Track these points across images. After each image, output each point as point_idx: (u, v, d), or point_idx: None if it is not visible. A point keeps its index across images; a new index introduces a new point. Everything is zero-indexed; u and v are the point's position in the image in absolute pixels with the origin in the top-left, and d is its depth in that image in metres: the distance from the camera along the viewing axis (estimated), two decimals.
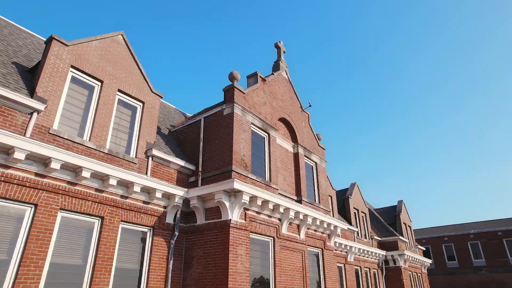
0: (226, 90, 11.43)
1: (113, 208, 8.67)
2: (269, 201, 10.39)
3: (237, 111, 10.94)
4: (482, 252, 35.72)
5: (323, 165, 15.31)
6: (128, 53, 10.60)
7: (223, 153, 10.52)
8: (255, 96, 12.18)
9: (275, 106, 13.28)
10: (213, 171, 10.50)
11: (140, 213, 9.31)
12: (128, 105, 10.25)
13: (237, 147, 10.48)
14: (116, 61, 10.12)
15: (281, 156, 13.05)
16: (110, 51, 10.04)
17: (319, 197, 14.27)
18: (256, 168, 11.31)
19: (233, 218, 9.55)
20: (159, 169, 10.36)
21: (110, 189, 8.66)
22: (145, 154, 10.02)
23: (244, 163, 10.60)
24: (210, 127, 11.37)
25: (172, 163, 10.65)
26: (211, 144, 11.06)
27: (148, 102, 10.70)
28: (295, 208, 11.41)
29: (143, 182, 9.07)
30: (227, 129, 10.75)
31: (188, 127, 12.29)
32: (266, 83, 13.16)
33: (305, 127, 15.01)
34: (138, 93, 10.46)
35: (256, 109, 12.03)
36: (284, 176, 12.88)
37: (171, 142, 11.95)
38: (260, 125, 11.87)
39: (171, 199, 10.01)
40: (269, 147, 12.12)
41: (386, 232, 24.73)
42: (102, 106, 9.31)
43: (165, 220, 9.89)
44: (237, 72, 11.61)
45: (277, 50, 15.49)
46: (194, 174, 11.13)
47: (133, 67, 10.58)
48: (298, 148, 13.88)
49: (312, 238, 12.95)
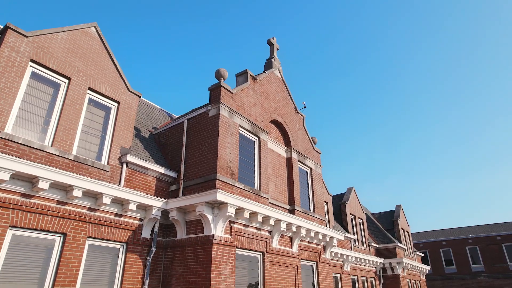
0: (212, 89, 10.38)
1: (78, 223, 7.59)
2: (258, 213, 9.36)
3: (223, 113, 9.90)
4: (481, 257, 34.90)
5: (318, 171, 14.30)
6: (102, 47, 9.52)
7: (207, 159, 9.47)
8: (244, 96, 11.14)
9: (267, 107, 12.25)
10: (196, 179, 9.45)
11: (112, 227, 8.25)
12: (101, 105, 9.17)
13: (222, 153, 9.43)
14: (87, 56, 9.04)
15: (272, 161, 12.02)
16: (80, 44, 8.95)
17: (313, 206, 13.26)
18: (244, 176, 10.27)
19: (216, 233, 8.50)
20: (135, 177, 9.29)
21: (76, 201, 7.58)
22: (118, 161, 8.95)
23: (231, 171, 9.56)
24: (194, 130, 10.32)
25: (150, 170, 9.58)
26: (194, 149, 10.01)
27: (124, 102, 9.62)
28: (287, 219, 10.39)
29: (114, 192, 8.01)
30: (212, 133, 9.71)
31: (171, 130, 11.22)
32: (257, 82, 12.13)
33: (299, 130, 13.99)
34: (113, 91, 9.39)
35: (245, 110, 10.99)
36: (276, 183, 11.85)
37: (151, 146, 10.88)
38: (249, 128, 10.84)
39: (148, 211, 8.95)
40: (259, 152, 11.09)
41: (384, 239, 23.79)
42: (69, 106, 8.23)
43: (140, 235, 8.82)
44: (225, 69, 10.57)
45: (270, 47, 14.47)
46: (176, 182, 10.07)
47: (107, 62, 9.51)
48: (292, 152, 12.86)
49: (306, 250, 11.93)
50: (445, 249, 37.15)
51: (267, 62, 13.85)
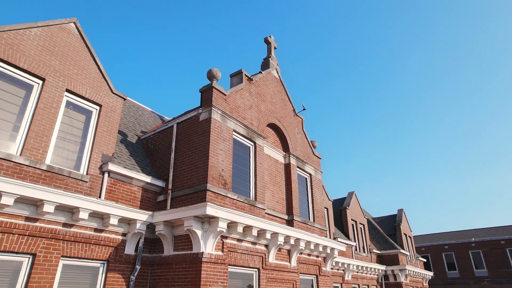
0: (203, 91, 9.57)
1: (50, 241, 6.78)
2: (252, 227, 8.56)
3: (215, 117, 9.10)
4: (484, 261, 34.11)
5: (318, 177, 13.50)
6: (83, 45, 8.71)
7: (198, 167, 8.67)
8: (238, 98, 10.33)
9: (264, 109, 11.45)
10: (185, 190, 8.64)
11: (90, 245, 7.44)
12: (80, 109, 8.36)
13: (214, 161, 8.63)
14: (65, 55, 8.23)
15: (269, 168, 11.22)
16: (57, 42, 8.14)
17: (313, 214, 12.45)
18: (238, 185, 9.47)
19: (206, 250, 7.70)
20: (118, 187, 8.47)
21: (48, 217, 6.78)
22: (99, 170, 8.14)
23: (223, 180, 8.75)
24: (184, 135, 9.51)
25: (135, 179, 8.77)
26: (184, 156, 9.20)
27: (107, 104, 8.82)
28: (285, 232, 9.59)
29: (92, 206, 7.20)
30: (202, 138, 8.90)
31: (159, 135, 10.41)
32: (253, 83, 11.32)
33: (298, 134, 13.19)
34: (94, 94, 8.58)
35: (240, 113, 10.19)
36: (273, 191, 11.04)
37: (138, 152, 10.07)
38: (244, 133, 10.03)
39: (132, 225, 8.14)
40: (255, 158, 10.28)
41: (386, 245, 22.99)
42: (42, 110, 7.42)
43: (123, 251, 8.01)
44: (217, 69, 9.76)
45: (267, 46, 13.66)
46: (164, 192, 9.26)
47: (88, 62, 8.70)
48: (290, 158, 12.05)
49: (305, 264, 11.12)
50: (447, 253, 36.36)
51: (264, 61, 13.04)
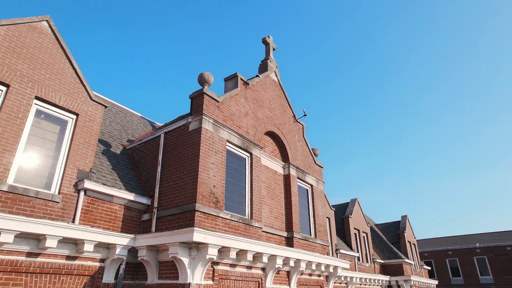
0: (193, 98, 8.63)
1: (10, 275, 5.85)
2: (247, 251, 7.62)
3: (206, 126, 8.15)
4: (490, 268, 33.17)
5: (320, 188, 12.56)
6: (57, 47, 7.77)
7: (186, 183, 7.73)
8: (233, 105, 9.39)
9: (261, 116, 10.51)
10: (172, 209, 7.71)
11: (61, 275, 6.50)
12: (54, 119, 7.42)
13: (204, 176, 7.69)
14: (36, 58, 7.29)
15: (267, 180, 10.28)
16: (25, 42, 7.20)
17: (315, 229, 11.51)
18: (232, 201, 8.53)
19: (194, 280, 6.76)
20: (96, 206, 7.53)
21: (7, 247, 5.85)
22: (74, 188, 7.20)
23: (214, 198, 7.81)
24: (172, 146, 8.57)
25: (116, 197, 7.83)
26: (171, 170, 8.26)
27: (85, 113, 7.87)
28: (283, 253, 8.66)
29: (62, 232, 6.27)
30: (192, 151, 7.96)
31: (146, 145, 9.47)
32: (250, 88, 10.38)
33: (299, 141, 12.25)
34: (70, 101, 7.64)
35: (235, 121, 9.25)
36: (271, 206, 10.10)
37: (122, 165, 9.12)
38: (239, 143, 9.09)
39: (111, 249, 7.21)
40: (251, 171, 9.34)
41: (390, 253, 22.06)
42: (5, 121, 6.48)
43: (101, 280, 7.08)
44: (209, 73, 8.82)
45: (265, 47, 12.72)
46: (149, 210, 8.32)
47: (63, 65, 7.75)
48: (290, 168, 11.11)
49: (306, 285, 10.19)
50: (451, 259, 35.42)
51: (261, 64, 12.09)
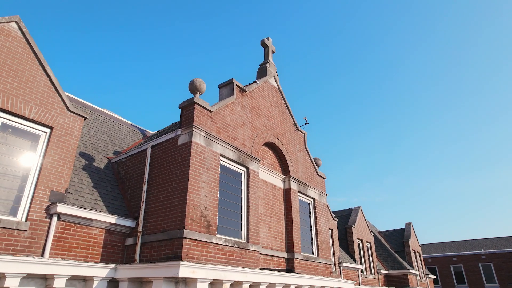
0: (183, 107, 7.78)
1: None
2: (242, 282, 6.77)
3: (197, 140, 7.30)
4: (495, 275, 32.29)
5: (323, 201, 11.70)
6: (28, 51, 6.91)
7: (174, 205, 6.87)
8: (228, 115, 8.53)
9: (259, 126, 9.65)
10: (158, 234, 6.85)
11: None
12: (23, 133, 6.57)
13: (194, 197, 6.83)
14: (2, 64, 6.44)
15: (266, 196, 9.42)
16: None
17: (317, 247, 10.65)
18: (226, 223, 7.67)
19: None
20: (72, 232, 6.67)
21: None
22: (45, 213, 6.34)
23: (206, 221, 6.96)
24: (159, 161, 7.72)
25: (95, 221, 6.98)
26: (158, 189, 7.41)
27: (61, 126, 7.01)
28: (283, 280, 7.81)
29: (26, 268, 5.43)
30: (181, 168, 7.10)
31: (132, 159, 8.62)
32: (247, 95, 9.52)
33: (300, 152, 11.39)
34: (42, 113, 6.78)
35: (230, 133, 8.40)
36: (270, 225, 9.25)
37: (105, 181, 8.26)
38: (234, 157, 8.24)
39: (88, 281, 6.38)
40: (247, 187, 8.48)
41: (394, 263, 21.19)
42: None
43: None
44: (201, 80, 7.96)
45: (264, 50, 11.86)
46: (133, 234, 7.47)
47: (35, 73, 6.90)
48: (290, 182, 10.25)
49: None
50: (456, 265, 34.54)
51: (260, 68, 11.23)
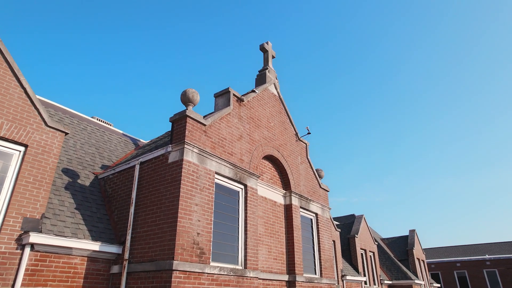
0: (174, 121, 7.08)
1: None
2: None
3: (189, 158, 6.60)
4: (501, 282, 31.58)
5: (326, 216, 11.01)
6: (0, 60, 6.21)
7: (163, 231, 6.17)
8: (224, 128, 7.84)
9: (258, 138, 8.96)
10: (146, 264, 6.15)
11: None
12: None
13: (186, 222, 6.14)
14: None
15: (265, 214, 8.72)
16: None
17: (320, 266, 9.96)
18: (222, 248, 6.97)
19: None
20: (48, 263, 5.97)
21: None
22: (17, 243, 5.64)
23: (199, 249, 6.26)
24: (148, 181, 7.02)
25: (75, 249, 6.28)
26: (147, 212, 6.71)
27: (37, 144, 6.32)
28: None
29: None
30: (171, 189, 6.41)
31: (120, 175, 7.92)
32: (244, 105, 8.83)
33: (302, 164, 10.69)
34: (15, 130, 6.08)
35: (226, 148, 7.70)
36: (269, 246, 8.55)
37: (90, 201, 7.56)
38: (231, 175, 7.54)
39: None
40: (245, 206, 7.79)
41: (398, 273, 20.50)
42: None
43: None
44: (194, 90, 7.27)
45: (264, 55, 11.17)
46: (119, 261, 6.76)
47: (8, 84, 6.20)
48: (292, 197, 9.56)
49: None
50: (459, 271, 33.83)
51: (259, 74, 10.54)
